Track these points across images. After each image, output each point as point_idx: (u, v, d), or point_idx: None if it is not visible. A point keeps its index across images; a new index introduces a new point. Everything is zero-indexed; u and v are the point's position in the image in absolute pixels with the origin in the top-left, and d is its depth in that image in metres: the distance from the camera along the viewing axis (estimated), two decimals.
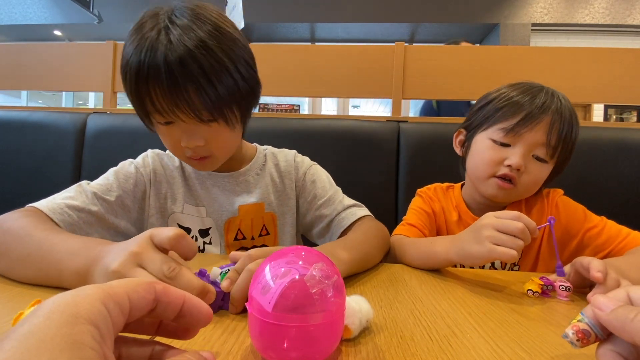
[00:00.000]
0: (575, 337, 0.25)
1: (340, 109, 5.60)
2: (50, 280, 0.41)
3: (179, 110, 0.55)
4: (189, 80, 0.54)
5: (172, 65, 0.52)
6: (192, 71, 0.53)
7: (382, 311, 0.39)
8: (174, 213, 0.71)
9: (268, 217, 0.74)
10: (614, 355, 0.24)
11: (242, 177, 0.74)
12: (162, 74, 0.53)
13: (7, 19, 5.12)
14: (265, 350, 0.27)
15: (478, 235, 0.51)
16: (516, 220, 0.49)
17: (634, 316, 0.22)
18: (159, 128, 0.62)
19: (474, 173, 0.75)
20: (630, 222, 0.68)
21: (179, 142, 0.60)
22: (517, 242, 0.48)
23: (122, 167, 0.69)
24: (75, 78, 1.42)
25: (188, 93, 0.54)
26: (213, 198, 0.72)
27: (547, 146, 0.68)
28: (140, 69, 0.54)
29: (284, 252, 0.29)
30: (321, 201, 0.74)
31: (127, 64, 0.55)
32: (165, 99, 0.55)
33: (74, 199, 0.58)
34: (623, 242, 0.65)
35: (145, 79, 0.54)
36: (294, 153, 0.80)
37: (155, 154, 0.74)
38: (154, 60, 0.53)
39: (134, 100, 0.58)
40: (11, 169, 1.16)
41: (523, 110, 0.68)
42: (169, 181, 0.72)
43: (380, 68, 1.29)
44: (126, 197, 0.66)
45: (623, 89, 1.21)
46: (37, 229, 0.46)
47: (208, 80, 0.54)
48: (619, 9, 4.40)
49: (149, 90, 0.55)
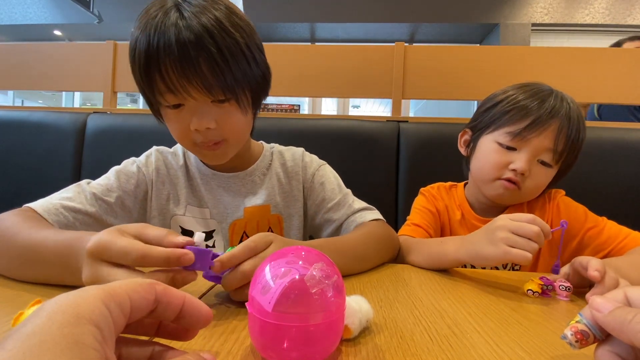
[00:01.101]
0: (574, 339, 0.25)
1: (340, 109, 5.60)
2: (50, 279, 0.41)
3: (191, 86, 0.54)
4: (202, 54, 0.52)
5: (185, 37, 0.52)
6: (206, 45, 0.52)
7: (382, 311, 0.39)
8: (176, 215, 0.69)
9: (274, 219, 0.72)
10: (613, 356, 0.24)
11: (249, 178, 0.72)
12: (174, 45, 0.51)
13: (7, 19, 5.12)
14: (265, 350, 0.27)
15: (492, 236, 0.51)
16: (531, 224, 0.49)
17: (632, 317, 0.22)
18: (167, 114, 0.59)
19: (479, 175, 0.75)
20: (630, 222, 0.68)
21: (189, 127, 0.58)
22: (532, 245, 0.48)
23: (125, 167, 0.68)
24: (75, 78, 1.42)
25: (200, 67, 0.53)
26: (218, 199, 0.70)
27: (553, 152, 0.68)
28: (150, 44, 0.52)
29: (284, 252, 0.29)
30: (330, 204, 0.71)
31: (137, 42, 0.54)
32: (176, 74, 0.53)
33: (72, 200, 0.57)
34: (623, 242, 0.66)
35: (156, 53, 0.52)
36: (301, 152, 0.78)
37: (159, 152, 0.73)
38: (166, 33, 0.52)
39: (143, 82, 0.56)
40: (11, 169, 1.16)
41: (531, 114, 0.67)
42: (172, 181, 0.70)
43: (380, 68, 1.29)
44: (127, 198, 0.65)
45: (623, 89, 1.21)
46: (23, 227, 0.45)
47: (223, 58, 0.54)
48: (619, 9, 4.40)
49: (159, 64, 0.53)
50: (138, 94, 3.32)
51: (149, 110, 0.64)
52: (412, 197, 0.85)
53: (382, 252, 0.62)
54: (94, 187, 0.62)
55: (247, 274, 0.37)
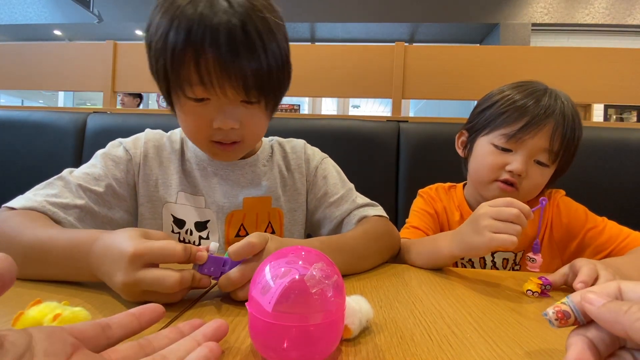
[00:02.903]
0: (554, 316, 0.26)
1: (340, 109, 5.61)
2: (54, 277, 0.42)
3: (230, 84, 0.50)
4: (250, 55, 0.49)
5: (233, 29, 0.48)
6: (252, 40, 0.49)
7: (382, 311, 0.39)
8: (168, 203, 0.64)
9: (274, 213, 0.68)
10: (585, 340, 0.24)
11: (249, 167, 0.68)
12: (222, 39, 0.47)
13: (7, 19, 5.12)
14: (265, 350, 0.27)
15: (476, 226, 0.51)
16: (509, 206, 0.50)
17: (627, 308, 0.22)
18: (186, 105, 0.54)
19: (476, 177, 0.75)
20: (630, 222, 0.68)
21: (210, 123, 0.54)
22: (515, 228, 0.49)
23: (111, 151, 0.63)
24: (75, 78, 1.42)
25: (245, 67, 0.50)
26: (214, 187, 0.65)
27: (549, 152, 0.68)
28: (192, 30, 0.47)
29: (284, 252, 0.29)
30: (333, 199, 0.69)
31: (171, 25, 0.49)
32: (217, 69, 0.49)
33: (57, 196, 0.52)
34: (624, 242, 0.66)
35: (199, 43, 0.48)
36: (303, 144, 0.75)
37: (153, 133, 0.67)
38: (214, 20, 0.47)
39: (172, 69, 0.51)
40: (11, 169, 1.16)
41: (525, 116, 0.67)
42: (164, 164, 0.65)
43: (380, 68, 1.29)
44: (118, 185, 0.60)
45: (623, 89, 1.21)
46: (28, 226, 0.44)
47: (268, 62, 0.51)
48: (619, 9, 4.40)
49: (198, 56, 0.48)
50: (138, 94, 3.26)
51: (149, 110, 0.63)
52: (412, 197, 0.85)
53: (383, 250, 0.61)
54: (79, 177, 0.56)
55: (245, 276, 0.38)
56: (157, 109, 3.64)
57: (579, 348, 0.24)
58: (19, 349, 0.18)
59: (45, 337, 0.20)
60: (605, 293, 0.25)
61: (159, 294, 0.35)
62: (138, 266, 0.35)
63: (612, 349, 0.24)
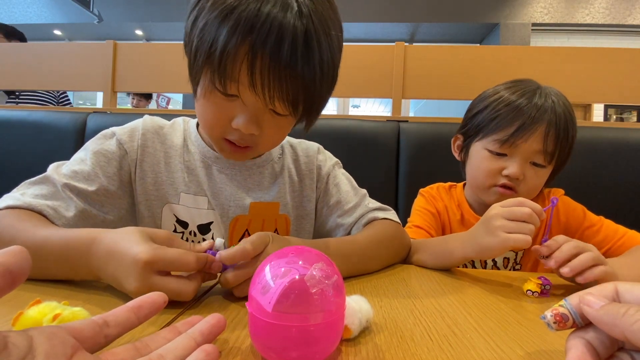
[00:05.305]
0: (552, 320, 0.26)
1: (340, 109, 5.60)
2: (52, 276, 0.42)
3: (281, 97, 0.46)
4: (311, 73, 0.45)
5: (302, 33, 0.43)
6: (316, 67, 0.45)
7: (382, 311, 0.39)
8: (169, 203, 0.60)
9: (281, 219, 0.65)
10: (584, 343, 0.24)
11: (257, 169, 0.63)
12: (286, 49, 0.43)
13: (7, 19, 5.12)
14: (265, 350, 0.27)
15: (489, 227, 0.51)
16: (521, 206, 0.50)
17: (625, 311, 0.22)
18: (211, 96, 0.49)
19: (474, 183, 0.75)
20: (630, 222, 0.69)
21: (230, 120, 0.49)
22: (528, 227, 0.48)
23: (102, 145, 0.57)
24: (75, 78, 1.42)
25: (300, 84, 0.46)
26: (219, 188, 0.61)
27: (544, 153, 0.68)
28: (257, 23, 0.42)
29: (284, 252, 0.29)
30: (347, 207, 0.65)
31: (235, 10, 0.43)
32: (271, 78, 0.44)
33: (46, 197, 0.50)
34: (620, 240, 0.66)
35: (265, 38, 0.42)
36: (316, 148, 0.71)
37: (152, 121, 0.62)
38: (286, 18, 0.42)
39: (218, 62, 0.44)
40: (11, 169, 1.16)
41: (517, 119, 0.67)
42: (164, 160, 0.60)
43: (380, 68, 1.29)
44: (111, 183, 0.55)
45: (623, 89, 1.21)
46: (25, 226, 0.44)
47: (323, 81, 0.48)
48: (619, 9, 4.41)
49: (255, 59, 0.43)
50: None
51: (149, 110, 0.62)
52: (412, 197, 0.85)
53: (391, 253, 0.59)
54: (68, 175, 0.53)
55: (245, 275, 0.38)
56: (157, 109, 3.64)
57: (579, 351, 0.24)
58: (21, 350, 0.18)
59: (46, 338, 0.19)
60: (602, 295, 0.25)
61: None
62: (151, 274, 0.35)
63: (612, 351, 0.24)
